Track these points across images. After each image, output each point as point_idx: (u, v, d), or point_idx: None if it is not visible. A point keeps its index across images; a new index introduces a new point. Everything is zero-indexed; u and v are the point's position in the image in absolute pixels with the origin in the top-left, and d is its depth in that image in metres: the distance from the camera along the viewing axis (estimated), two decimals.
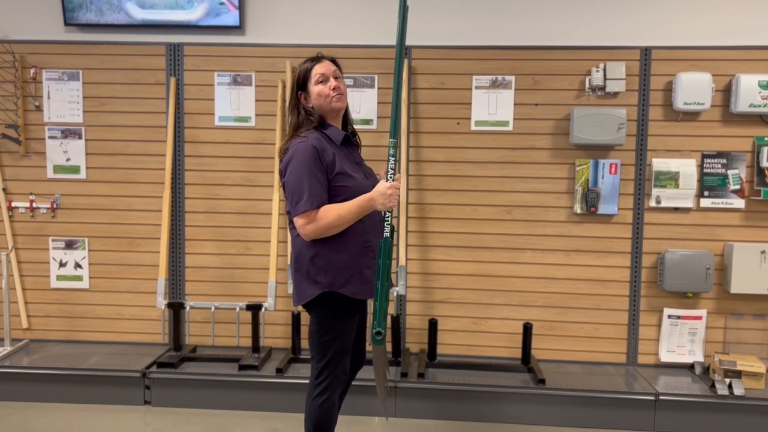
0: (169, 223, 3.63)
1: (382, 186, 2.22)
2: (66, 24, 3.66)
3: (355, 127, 3.14)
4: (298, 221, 2.21)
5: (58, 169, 3.76)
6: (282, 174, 2.27)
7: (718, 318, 3.56)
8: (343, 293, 2.28)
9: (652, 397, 3.20)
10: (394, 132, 2.29)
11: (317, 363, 2.36)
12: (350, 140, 2.43)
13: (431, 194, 3.59)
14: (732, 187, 3.49)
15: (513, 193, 3.59)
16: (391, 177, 2.26)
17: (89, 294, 3.81)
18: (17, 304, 3.80)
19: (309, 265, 2.28)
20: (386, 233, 2.25)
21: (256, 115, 3.68)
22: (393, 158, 2.27)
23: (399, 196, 2.25)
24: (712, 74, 3.39)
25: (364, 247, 2.32)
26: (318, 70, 2.35)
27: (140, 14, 3.63)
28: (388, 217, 2.26)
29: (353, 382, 2.75)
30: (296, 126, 2.34)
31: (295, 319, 3.55)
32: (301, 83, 2.36)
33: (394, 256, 3.61)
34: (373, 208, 2.23)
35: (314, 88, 2.33)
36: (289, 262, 3.52)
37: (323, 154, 2.24)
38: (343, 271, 2.28)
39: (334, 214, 2.21)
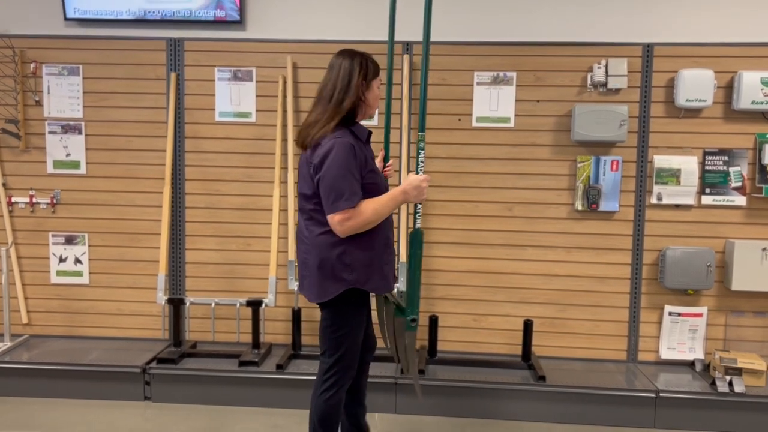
0: (169, 219, 3.62)
1: (414, 179, 2.29)
2: (66, 19, 3.65)
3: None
4: (336, 218, 2.20)
5: (58, 164, 3.75)
6: (318, 167, 2.23)
7: (719, 315, 3.55)
8: (365, 289, 2.33)
9: (653, 395, 3.19)
10: (423, 126, 2.35)
11: (329, 358, 2.39)
12: (370, 138, 2.45)
13: (432, 191, 3.58)
14: (733, 184, 3.48)
15: (514, 190, 3.59)
16: (421, 170, 2.32)
17: (89, 289, 3.81)
18: (17, 299, 3.79)
19: (335, 263, 2.28)
20: (418, 224, 2.33)
21: (257, 110, 3.67)
22: (422, 151, 2.33)
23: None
24: (714, 71, 3.38)
25: (385, 244, 2.38)
26: (381, 76, 2.43)
27: (142, 2, 3.61)
28: (419, 209, 2.34)
29: None
30: (343, 111, 2.28)
31: (296, 315, 3.54)
32: (367, 75, 2.34)
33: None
34: (406, 201, 2.31)
35: (375, 88, 2.38)
36: (291, 258, 3.51)
37: (359, 151, 2.27)
38: (368, 267, 2.32)
39: (371, 209, 2.24)
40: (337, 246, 2.27)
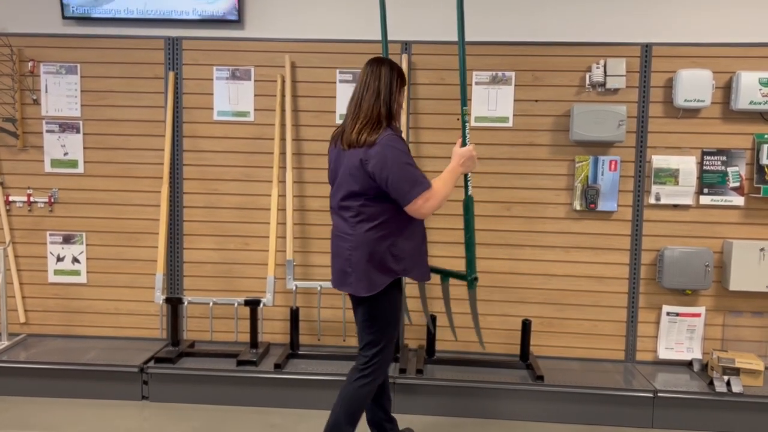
0: (167, 218, 3.62)
1: (465, 150, 2.54)
2: (64, 17, 3.64)
3: None
4: (418, 202, 2.35)
5: (55, 163, 3.75)
6: (380, 166, 2.33)
7: (717, 315, 3.56)
8: (411, 277, 2.50)
9: (651, 394, 3.20)
10: (464, 101, 2.64)
11: (370, 350, 2.51)
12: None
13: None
14: (732, 184, 3.49)
15: (512, 190, 3.59)
16: (467, 142, 2.57)
17: (87, 289, 3.80)
18: (14, 298, 3.78)
19: (384, 255, 2.42)
20: (469, 192, 2.63)
21: (255, 110, 3.67)
22: (467, 124, 2.61)
23: None
24: (712, 71, 3.38)
25: (423, 233, 2.57)
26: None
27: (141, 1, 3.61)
28: (469, 178, 2.62)
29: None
30: (385, 115, 2.42)
31: (294, 314, 3.54)
32: (401, 83, 2.51)
33: None
34: (463, 172, 2.56)
35: (403, 94, 2.55)
36: (289, 257, 3.51)
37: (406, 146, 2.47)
38: (413, 257, 2.50)
39: (442, 186, 2.45)
40: (386, 239, 2.42)
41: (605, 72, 3.44)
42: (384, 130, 2.39)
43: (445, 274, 2.77)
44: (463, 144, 2.57)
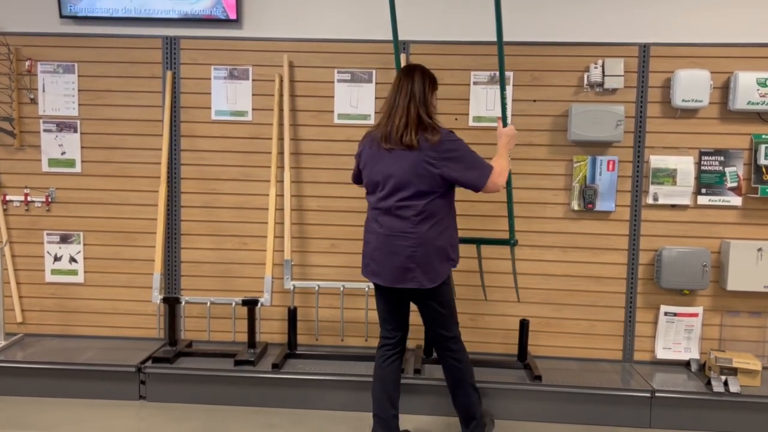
0: (164, 218, 3.61)
1: (508, 129, 2.92)
2: (61, 16, 3.63)
3: (352, 122, 3.63)
4: (492, 179, 2.65)
5: (53, 162, 3.74)
6: (454, 158, 2.57)
7: (715, 315, 3.56)
8: (456, 263, 2.74)
9: (648, 394, 3.20)
10: (504, 86, 3.03)
11: (451, 331, 2.78)
12: None
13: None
14: (729, 184, 3.49)
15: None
16: (508, 122, 3.02)
17: (84, 288, 3.79)
18: (11, 298, 3.77)
19: (446, 247, 2.65)
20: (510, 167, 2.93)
21: (253, 109, 3.66)
22: (507, 106, 3.05)
23: None
24: (710, 71, 3.38)
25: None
26: None
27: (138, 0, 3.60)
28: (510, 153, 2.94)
29: (351, 379, 3.00)
30: (430, 116, 2.65)
31: (292, 314, 3.54)
32: (434, 86, 2.73)
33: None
34: (509, 149, 2.91)
35: (435, 97, 2.79)
36: (287, 257, 3.51)
37: None
38: (457, 244, 2.75)
39: (502, 163, 2.76)
40: (445, 232, 2.65)
41: (603, 72, 3.45)
42: (439, 128, 2.61)
43: (485, 242, 3.33)
44: (504, 124, 2.98)
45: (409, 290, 2.66)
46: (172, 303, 3.51)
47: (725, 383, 3.20)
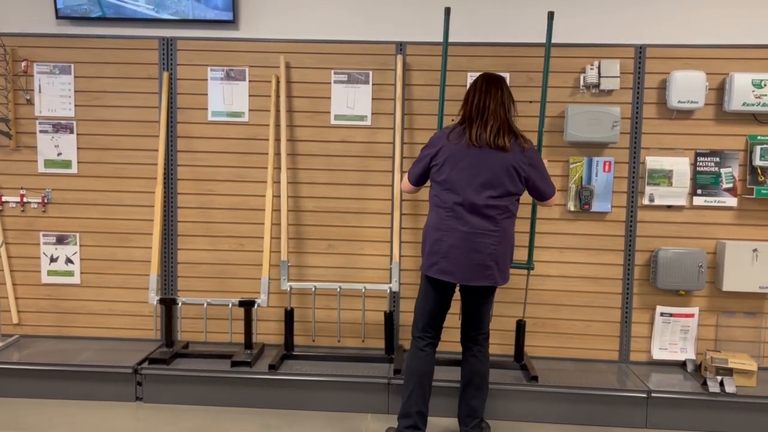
0: (161, 219, 3.61)
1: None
2: (57, 17, 3.62)
3: (349, 123, 3.65)
4: (557, 194, 2.98)
5: (49, 163, 3.73)
6: (535, 166, 2.75)
7: (710, 316, 3.57)
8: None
9: (644, 395, 3.21)
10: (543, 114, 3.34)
11: (488, 324, 2.94)
12: None
13: (425, 190, 3.58)
14: (725, 185, 3.50)
15: None
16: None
17: (80, 289, 3.79)
18: (7, 299, 3.77)
19: (513, 248, 2.82)
20: None
21: (250, 110, 3.66)
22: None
23: None
24: (706, 72, 3.39)
25: None
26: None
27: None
28: None
29: (348, 380, 2.99)
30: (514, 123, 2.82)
31: (288, 315, 3.53)
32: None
33: (387, 252, 3.61)
34: None
35: None
36: (284, 258, 3.51)
37: None
38: None
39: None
40: (514, 235, 2.82)
41: (599, 73, 3.45)
42: (526, 138, 2.79)
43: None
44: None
45: (476, 288, 2.78)
46: (168, 304, 3.51)
47: (721, 383, 3.21)
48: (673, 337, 3.57)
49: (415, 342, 2.89)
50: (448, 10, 3.34)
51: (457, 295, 2.91)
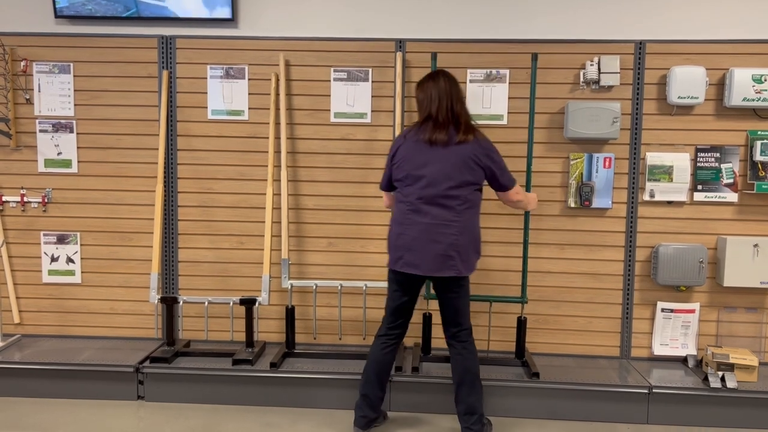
0: (161, 218, 3.61)
1: (534, 197, 3.20)
2: (56, 16, 3.62)
3: (349, 120, 3.65)
4: (517, 185, 2.95)
5: (49, 162, 3.73)
6: (491, 157, 2.81)
7: (711, 311, 3.57)
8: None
9: (646, 390, 3.21)
10: (530, 160, 3.46)
11: (466, 318, 2.91)
12: None
13: None
14: (725, 180, 3.50)
15: None
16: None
17: (81, 289, 3.79)
18: (8, 299, 3.77)
19: (478, 240, 2.84)
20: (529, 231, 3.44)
21: (249, 108, 3.66)
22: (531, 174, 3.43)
23: None
24: (706, 68, 3.39)
25: None
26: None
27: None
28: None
29: (349, 377, 3.02)
30: (467, 115, 2.90)
31: (289, 313, 3.54)
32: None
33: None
34: (528, 207, 3.17)
35: None
36: (284, 256, 3.51)
37: None
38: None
39: (524, 192, 3.07)
40: (477, 226, 2.84)
41: (599, 69, 3.45)
42: (478, 130, 2.85)
43: (497, 300, 3.52)
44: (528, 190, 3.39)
45: (442, 278, 2.80)
46: (169, 303, 3.51)
47: (722, 379, 3.21)
48: (674, 333, 3.57)
49: (377, 332, 2.99)
50: (434, 55, 3.44)
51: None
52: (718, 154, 3.50)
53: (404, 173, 2.81)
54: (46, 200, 3.74)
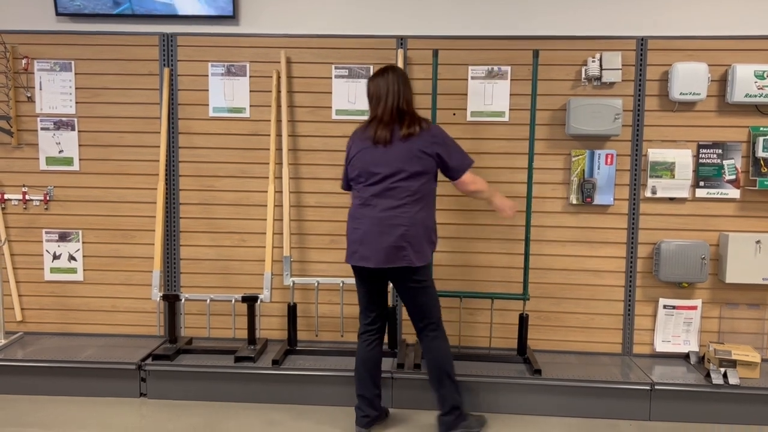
0: (163, 215, 3.61)
1: (510, 204, 3.10)
2: (57, 14, 3.62)
3: (351, 117, 3.66)
4: (470, 171, 2.89)
5: (50, 160, 3.73)
6: (442, 144, 2.80)
7: (713, 308, 3.57)
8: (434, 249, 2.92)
9: (648, 387, 3.21)
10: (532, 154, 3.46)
11: (433, 316, 2.89)
12: None
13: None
14: (727, 177, 3.50)
15: (509, 184, 3.59)
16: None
17: (83, 286, 3.79)
18: (11, 296, 3.77)
19: (431, 230, 2.83)
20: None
21: (251, 105, 3.66)
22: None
23: None
24: (708, 64, 3.38)
25: None
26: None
27: None
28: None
29: (351, 374, 3.01)
30: (412, 107, 2.89)
31: (291, 310, 3.54)
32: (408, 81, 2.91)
33: None
34: (497, 201, 3.09)
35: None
36: (286, 254, 3.51)
37: None
38: (436, 228, 2.92)
39: (483, 180, 3.00)
40: (432, 214, 2.84)
41: (601, 66, 3.44)
42: (425, 119, 2.86)
43: (499, 297, 3.50)
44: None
45: (396, 271, 2.78)
46: (171, 300, 3.51)
47: (724, 375, 3.21)
48: (676, 330, 3.56)
49: (358, 331, 2.99)
50: (436, 52, 3.41)
51: None
52: (720, 151, 3.49)
53: (357, 171, 2.84)
54: (47, 198, 3.74)
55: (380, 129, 2.79)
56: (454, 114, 3.58)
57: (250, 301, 3.48)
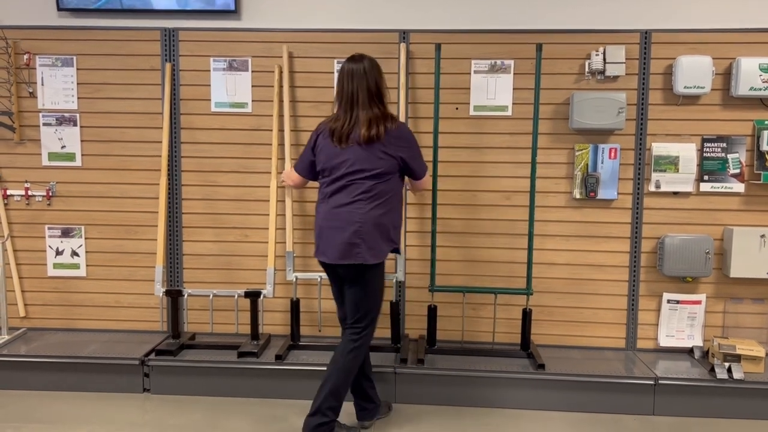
0: (166, 211, 3.60)
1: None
2: (59, 9, 3.61)
3: None
4: (428, 174, 2.99)
5: (53, 156, 3.73)
6: (407, 147, 2.81)
7: (718, 302, 3.56)
8: (398, 249, 2.92)
9: (652, 382, 3.20)
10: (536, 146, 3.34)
11: (365, 319, 2.80)
12: None
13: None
14: (732, 171, 3.48)
15: (512, 179, 3.58)
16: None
17: (86, 282, 3.79)
18: (14, 292, 3.78)
19: (392, 228, 2.81)
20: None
21: (253, 100, 3.65)
22: None
23: None
24: (712, 57, 3.36)
25: None
26: None
27: None
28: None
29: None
30: (383, 104, 2.84)
31: (294, 305, 3.54)
32: (381, 71, 2.88)
33: None
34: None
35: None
36: (289, 249, 3.51)
37: None
38: (400, 229, 2.92)
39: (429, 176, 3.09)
40: (391, 212, 2.79)
41: (605, 59, 3.42)
42: (395, 117, 2.82)
43: (502, 292, 3.51)
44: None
45: (350, 267, 2.76)
46: (174, 296, 3.51)
47: (729, 370, 3.20)
48: (680, 324, 3.55)
49: (341, 331, 2.96)
50: (438, 46, 3.40)
51: None
52: (724, 144, 3.47)
53: (321, 166, 2.84)
54: (50, 194, 3.74)
55: (345, 126, 2.77)
56: (456, 108, 3.57)
57: (253, 296, 3.47)
